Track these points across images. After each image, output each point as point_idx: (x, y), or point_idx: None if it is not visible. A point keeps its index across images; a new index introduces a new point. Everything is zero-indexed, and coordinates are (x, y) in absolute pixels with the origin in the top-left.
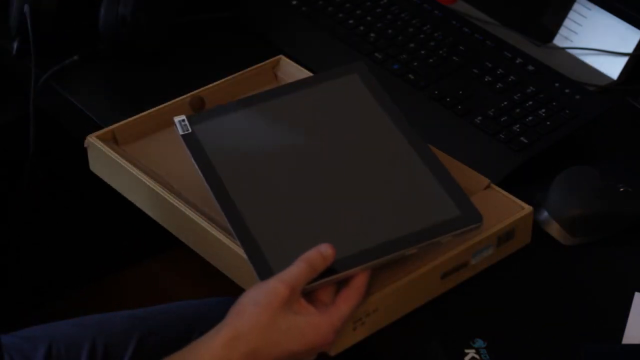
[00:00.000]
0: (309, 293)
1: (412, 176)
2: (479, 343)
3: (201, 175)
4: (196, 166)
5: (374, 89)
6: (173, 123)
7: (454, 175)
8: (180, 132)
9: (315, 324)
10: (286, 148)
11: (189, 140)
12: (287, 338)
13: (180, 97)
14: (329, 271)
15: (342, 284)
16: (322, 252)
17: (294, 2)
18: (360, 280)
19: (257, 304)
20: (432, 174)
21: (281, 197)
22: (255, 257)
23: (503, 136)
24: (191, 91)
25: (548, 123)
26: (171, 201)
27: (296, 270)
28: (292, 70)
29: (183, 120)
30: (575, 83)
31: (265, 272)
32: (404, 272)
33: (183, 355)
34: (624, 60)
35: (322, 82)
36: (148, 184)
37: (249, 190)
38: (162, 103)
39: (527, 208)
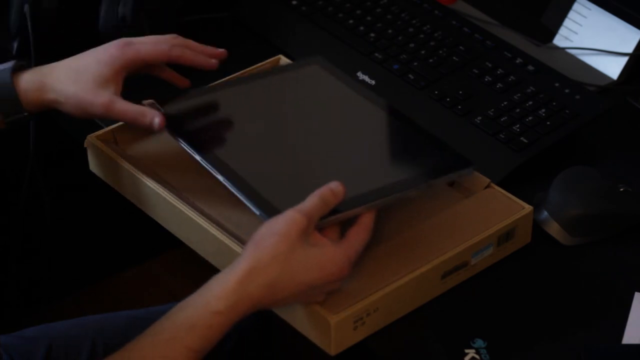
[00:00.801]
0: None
1: (397, 136)
2: (479, 343)
3: (186, 146)
4: (180, 140)
5: (337, 73)
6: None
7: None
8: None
9: (331, 255)
10: (267, 118)
11: (166, 120)
12: (304, 269)
13: None
14: (337, 211)
15: (347, 226)
16: (332, 189)
17: (294, 2)
18: (367, 218)
19: (276, 233)
20: (416, 133)
21: (272, 156)
22: (258, 201)
23: (503, 136)
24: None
25: (548, 123)
26: (171, 201)
27: (310, 203)
28: None
29: (153, 104)
30: (575, 83)
31: (271, 210)
32: (404, 272)
33: (200, 293)
34: (623, 60)
35: (286, 71)
36: (148, 184)
37: (239, 153)
38: None
39: (527, 208)
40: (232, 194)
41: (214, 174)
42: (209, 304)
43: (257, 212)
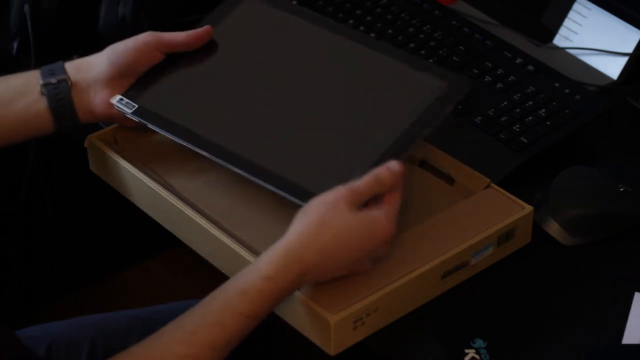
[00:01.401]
0: None
1: (382, 72)
2: (479, 343)
3: (179, 140)
4: (167, 134)
5: (279, 3)
6: (114, 107)
7: (455, 175)
8: (129, 112)
9: (377, 217)
10: (240, 78)
11: (142, 114)
12: (355, 234)
13: None
14: None
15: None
16: (390, 168)
17: (294, 2)
18: (395, 177)
19: (324, 202)
20: (399, 61)
21: (272, 128)
22: (291, 190)
23: (503, 136)
24: None
25: (548, 123)
26: (171, 201)
27: (362, 182)
28: None
29: (121, 99)
30: (575, 83)
31: (306, 195)
32: (404, 272)
33: (252, 263)
34: (623, 60)
35: (225, 16)
36: (148, 184)
37: (234, 133)
38: None
39: (527, 208)
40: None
41: (231, 168)
42: (259, 270)
43: (294, 200)
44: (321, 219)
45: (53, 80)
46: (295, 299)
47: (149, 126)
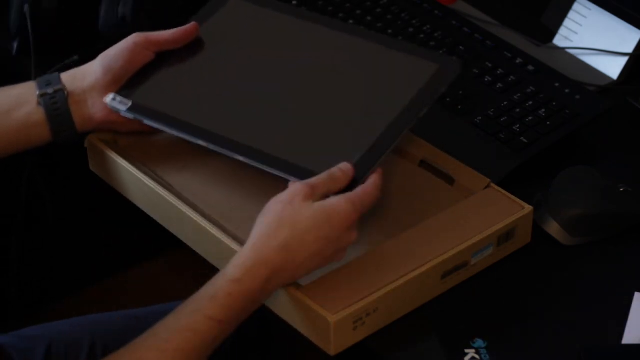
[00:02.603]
0: None
1: (373, 58)
2: (479, 343)
3: (171, 131)
4: (164, 129)
5: (265, 2)
6: (107, 105)
7: (455, 175)
8: (124, 109)
9: (335, 203)
10: (237, 73)
11: (137, 110)
12: (313, 225)
13: None
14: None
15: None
16: (342, 169)
17: (294, 2)
18: (375, 177)
19: (280, 201)
20: (388, 47)
21: (267, 115)
22: (290, 169)
23: (503, 136)
24: None
25: (548, 123)
26: (171, 201)
27: (317, 178)
28: None
29: (114, 98)
30: (575, 83)
31: (307, 173)
32: (404, 272)
33: (221, 271)
34: (623, 60)
35: (212, 14)
36: (148, 184)
37: (232, 122)
38: None
39: (527, 208)
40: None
41: (231, 155)
42: (227, 273)
43: (292, 179)
44: (278, 216)
45: (49, 90)
46: (295, 299)
47: (144, 122)
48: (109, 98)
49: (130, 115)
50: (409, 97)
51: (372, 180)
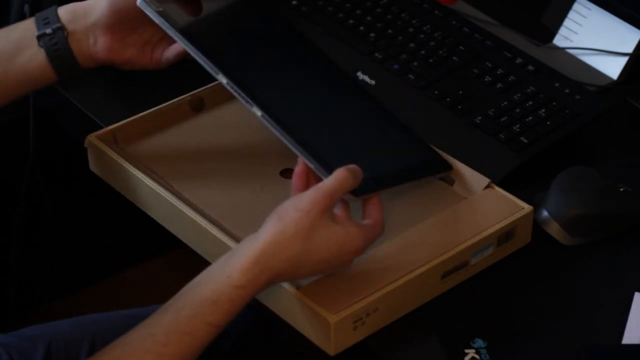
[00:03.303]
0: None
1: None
2: (479, 343)
3: (198, 57)
4: (187, 48)
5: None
6: (140, 8)
7: (455, 175)
8: (155, 8)
9: (352, 233)
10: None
11: (165, 17)
12: (325, 246)
13: (180, 97)
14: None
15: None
16: (351, 170)
17: (294, 2)
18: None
19: (300, 209)
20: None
21: (308, 96)
22: (319, 157)
23: (503, 136)
24: (191, 91)
25: (548, 123)
26: (171, 201)
27: (332, 183)
28: None
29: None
30: (575, 83)
31: (328, 167)
32: (404, 272)
33: (221, 266)
34: (623, 60)
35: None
36: (148, 184)
37: (282, 94)
38: (162, 103)
39: (527, 208)
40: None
41: (270, 127)
42: (231, 278)
43: (316, 167)
44: (294, 226)
45: (48, 30)
46: (295, 299)
47: (169, 33)
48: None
49: (158, 20)
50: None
51: (379, 219)
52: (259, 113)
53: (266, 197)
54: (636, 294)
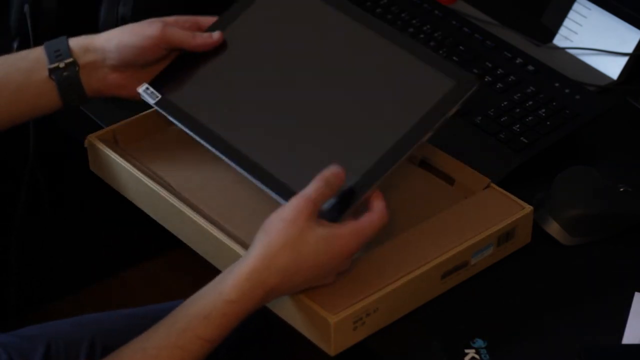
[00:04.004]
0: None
1: (393, 65)
2: (479, 343)
3: (192, 134)
4: (183, 128)
5: None
6: (139, 95)
7: (455, 175)
8: (152, 101)
9: (339, 233)
10: (260, 77)
11: (164, 105)
12: (315, 251)
13: None
14: (355, 193)
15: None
16: (334, 172)
17: None
18: (378, 202)
19: (284, 219)
20: (410, 53)
21: (278, 127)
22: (275, 185)
23: (503, 136)
24: None
25: (548, 123)
26: (171, 201)
27: (315, 188)
28: None
29: (147, 89)
30: (575, 83)
31: (287, 193)
32: (404, 272)
33: (214, 284)
34: (623, 60)
35: (242, 12)
36: (148, 184)
37: (244, 131)
38: None
39: (527, 208)
40: (234, 191)
41: (227, 161)
42: (222, 293)
43: (280, 200)
44: (281, 237)
45: (61, 64)
46: (295, 299)
47: (169, 118)
48: (142, 88)
49: (157, 108)
50: (418, 115)
51: (379, 209)
52: (214, 150)
53: (266, 197)
54: (636, 294)
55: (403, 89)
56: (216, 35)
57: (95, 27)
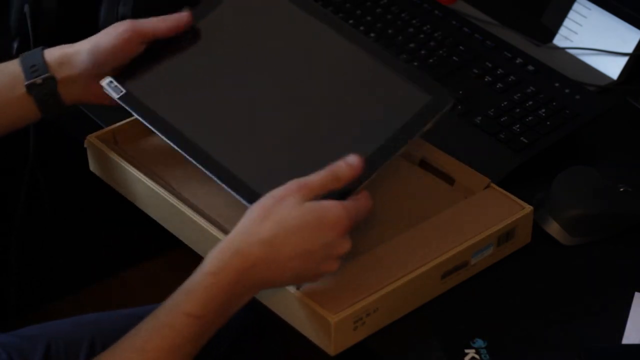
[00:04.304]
0: None
1: (369, 76)
2: (479, 343)
3: (155, 130)
4: (145, 124)
5: None
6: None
7: (455, 175)
8: (116, 96)
9: (327, 206)
10: (230, 75)
11: (127, 100)
12: (301, 223)
13: None
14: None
15: None
16: (348, 162)
17: None
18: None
19: (273, 196)
20: (388, 66)
21: (246, 126)
22: (237, 186)
23: (503, 136)
24: None
25: (548, 123)
26: (171, 201)
27: (317, 176)
28: None
29: (111, 82)
30: (575, 83)
31: (250, 194)
32: (404, 272)
33: (198, 268)
34: (623, 60)
35: (213, 8)
36: (148, 184)
37: (211, 130)
38: None
39: (527, 208)
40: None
41: (191, 160)
42: (203, 267)
43: (244, 202)
44: (265, 211)
45: (38, 80)
46: (295, 299)
47: (133, 114)
48: (105, 81)
49: (121, 103)
50: (390, 131)
51: (364, 192)
52: (177, 149)
53: None
54: (636, 294)
55: (377, 101)
56: (185, 14)
57: (95, 27)
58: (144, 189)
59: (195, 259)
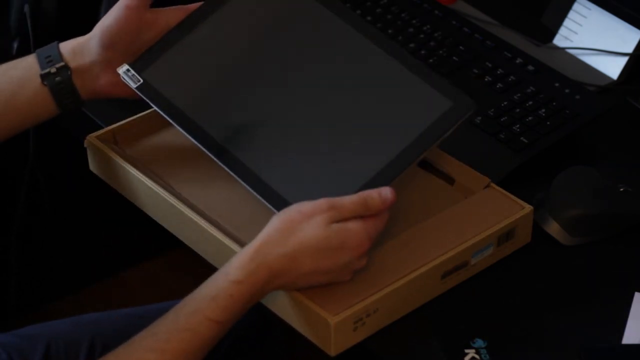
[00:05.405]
0: None
1: (391, 80)
2: (479, 343)
3: (177, 126)
4: (166, 117)
5: None
6: (120, 77)
7: (455, 175)
8: (134, 85)
9: (353, 231)
10: (253, 72)
11: (145, 90)
12: (326, 245)
13: None
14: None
15: None
16: (381, 194)
17: None
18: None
19: (301, 212)
20: (409, 70)
21: (272, 128)
22: (259, 187)
23: (503, 136)
24: None
25: (548, 123)
26: (171, 201)
27: (348, 200)
28: None
29: (128, 71)
30: (575, 83)
31: (281, 203)
32: (404, 272)
33: (221, 268)
34: (623, 60)
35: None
36: (148, 184)
37: (230, 128)
38: None
39: (527, 208)
40: (234, 191)
41: (216, 161)
42: (228, 274)
43: (273, 209)
44: (292, 225)
45: (52, 69)
46: (295, 299)
47: (150, 104)
48: (122, 69)
49: (138, 93)
50: (412, 137)
51: (386, 212)
52: (195, 143)
53: None
54: (636, 294)
55: (400, 106)
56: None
57: None
58: (144, 189)
59: (195, 259)
